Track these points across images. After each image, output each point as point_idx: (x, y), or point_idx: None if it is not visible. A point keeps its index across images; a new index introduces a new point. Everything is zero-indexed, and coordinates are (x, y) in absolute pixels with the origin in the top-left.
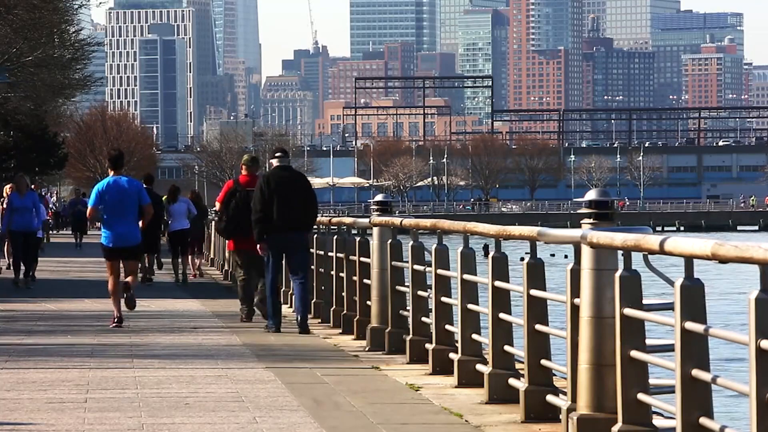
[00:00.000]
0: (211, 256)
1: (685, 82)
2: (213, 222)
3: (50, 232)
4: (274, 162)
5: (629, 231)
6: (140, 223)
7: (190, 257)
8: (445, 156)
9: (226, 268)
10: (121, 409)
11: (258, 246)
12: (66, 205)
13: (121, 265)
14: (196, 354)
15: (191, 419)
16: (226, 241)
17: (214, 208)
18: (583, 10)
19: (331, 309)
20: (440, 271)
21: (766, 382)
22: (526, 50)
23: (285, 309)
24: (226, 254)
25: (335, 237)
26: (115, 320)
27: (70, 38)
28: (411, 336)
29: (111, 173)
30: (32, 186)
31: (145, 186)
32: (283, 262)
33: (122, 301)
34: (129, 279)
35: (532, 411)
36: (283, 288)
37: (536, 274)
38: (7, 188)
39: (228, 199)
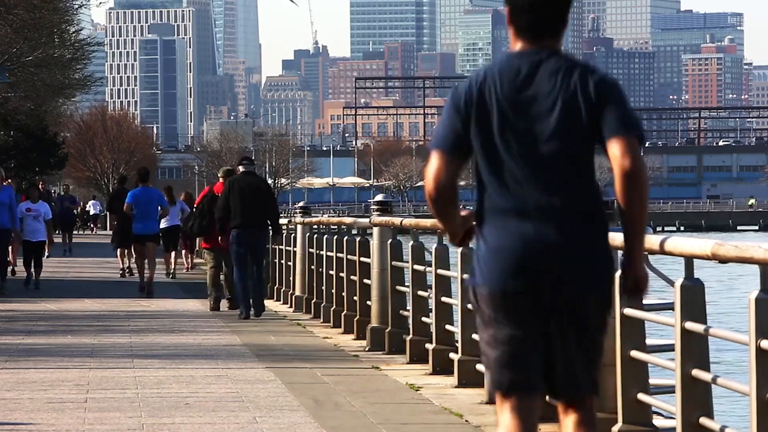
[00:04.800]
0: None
1: (685, 82)
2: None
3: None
4: (240, 168)
5: None
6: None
7: (183, 252)
8: None
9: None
10: (121, 409)
11: (220, 239)
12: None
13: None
14: (196, 354)
15: (191, 419)
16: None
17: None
18: (583, 10)
19: (331, 309)
20: (440, 271)
21: (766, 382)
22: None
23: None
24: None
25: (335, 237)
26: (143, 289)
27: (70, 38)
28: (411, 336)
29: (140, 184)
30: (8, 181)
31: (118, 186)
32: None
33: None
34: (147, 273)
35: None
36: (284, 288)
37: None
38: None
39: (200, 205)
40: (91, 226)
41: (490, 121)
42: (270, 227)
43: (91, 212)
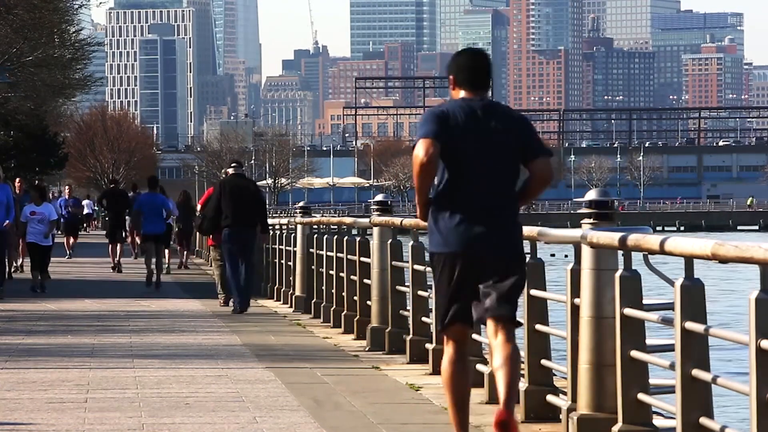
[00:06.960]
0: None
1: (685, 82)
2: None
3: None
4: (230, 171)
5: (629, 231)
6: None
7: (179, 249)
8: None
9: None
10: (121, 409)
11: (212, 236)
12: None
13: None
14: (196, 354)
15: (191, 419)
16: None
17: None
18: (583, 10)
19: (331, 309)
20: None
21: (766, 382)
22: (526, 50)
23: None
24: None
25: (335, 237)
26: (149, 282)
27: (70, 38)
28: (411, 336)
29: (148, 190)
30: (18, 180)
31: (111, 186)
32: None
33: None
34: (154, 268)
35: (532, 411)
36: (284, 288)
37: (536, 274)
38: None
39: (206, 204)
40: (84, 226)
41: (458, 137)
42: (259, 226)
43: (84, 212)
